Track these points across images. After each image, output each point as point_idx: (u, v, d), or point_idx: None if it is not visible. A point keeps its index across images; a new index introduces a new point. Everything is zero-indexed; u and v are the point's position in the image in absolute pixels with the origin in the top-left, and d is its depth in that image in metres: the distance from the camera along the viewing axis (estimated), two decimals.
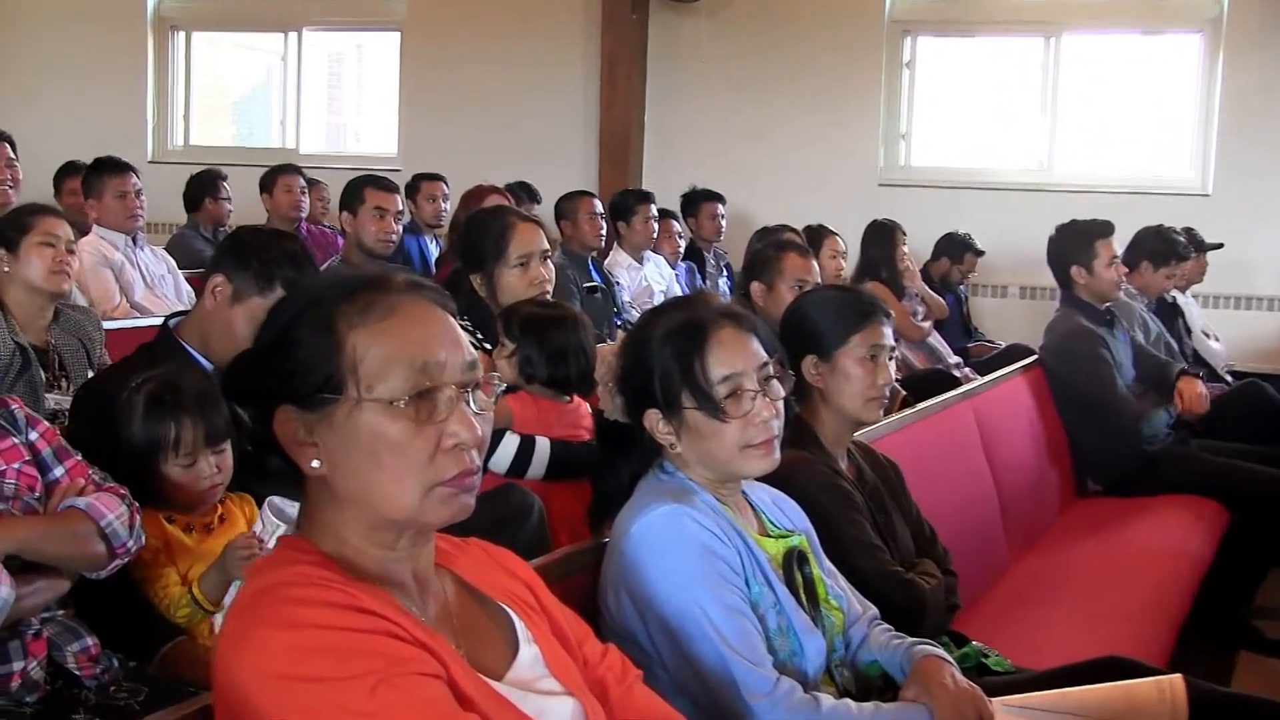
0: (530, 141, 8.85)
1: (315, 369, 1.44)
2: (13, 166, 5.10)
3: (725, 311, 2.17)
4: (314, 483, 1.49)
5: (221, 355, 2.89)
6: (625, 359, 2.19)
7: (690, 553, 2.02)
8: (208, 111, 10.51)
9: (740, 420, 2.09)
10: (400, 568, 1.50)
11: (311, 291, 1.51)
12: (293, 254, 3.00)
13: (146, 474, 2.55)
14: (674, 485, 2.14)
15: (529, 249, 3.59)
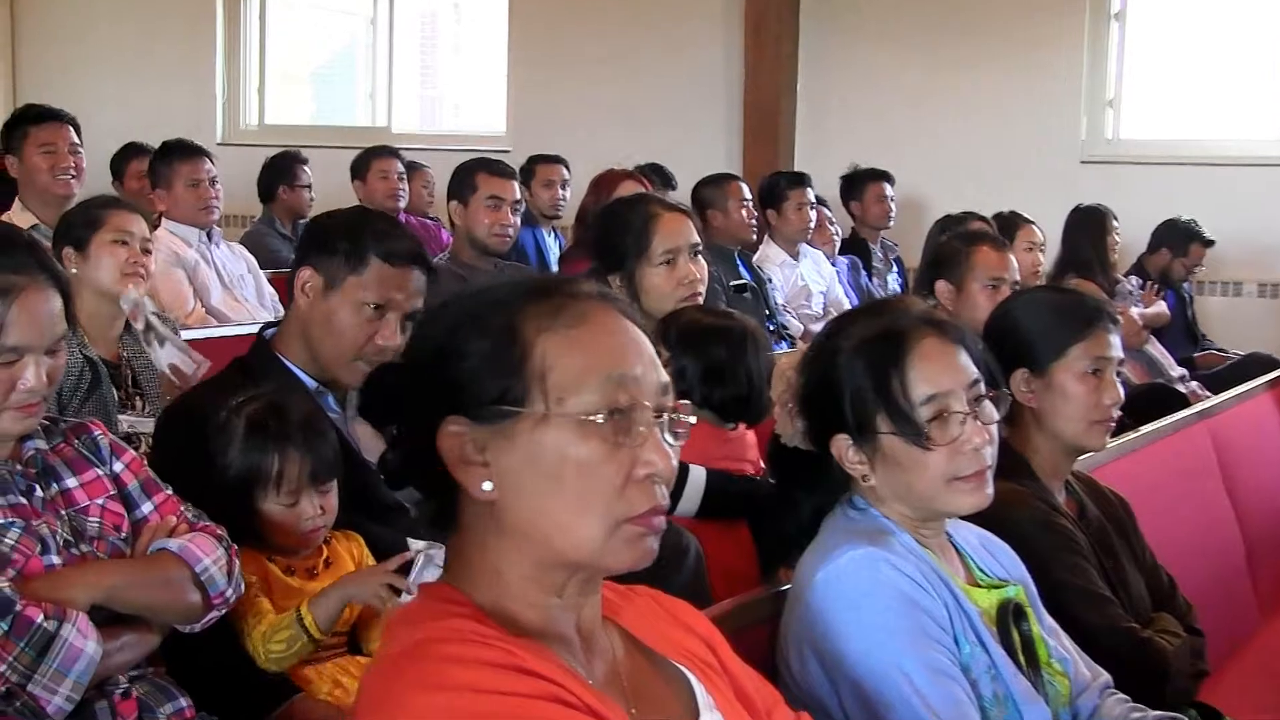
0: (662, 117, 8.91)
1: (495, 376, 1.47)
2: (76, 153, 5.27)
3: (928, 318, 2.16)
4: (473, 515, 1.52)
5: (331, 357, 2.96)
6: (808, 375, 2.19)
7: (888, 604, 2.01)
8: (283, 85, 10.78)
9: (947, 448, 2.08)
10: (564, 619, 1.52)
11: (487, 292, 1.55)
12: (382, 223, 3.07)
13: (242, 509, 2.62)
14: (866, 524, 2.14)
15: (676, 243, 3.62)
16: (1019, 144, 8.31)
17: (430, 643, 1.41)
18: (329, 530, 2.74)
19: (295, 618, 2.54)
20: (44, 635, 2.13)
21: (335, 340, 2.94)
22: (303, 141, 8.63)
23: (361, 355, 2.93)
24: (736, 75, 8.80)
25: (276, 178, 7.37)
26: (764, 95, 8.63)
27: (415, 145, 8.93)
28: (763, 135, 8.61)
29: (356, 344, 2.93)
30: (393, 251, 2.99)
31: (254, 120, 10.44)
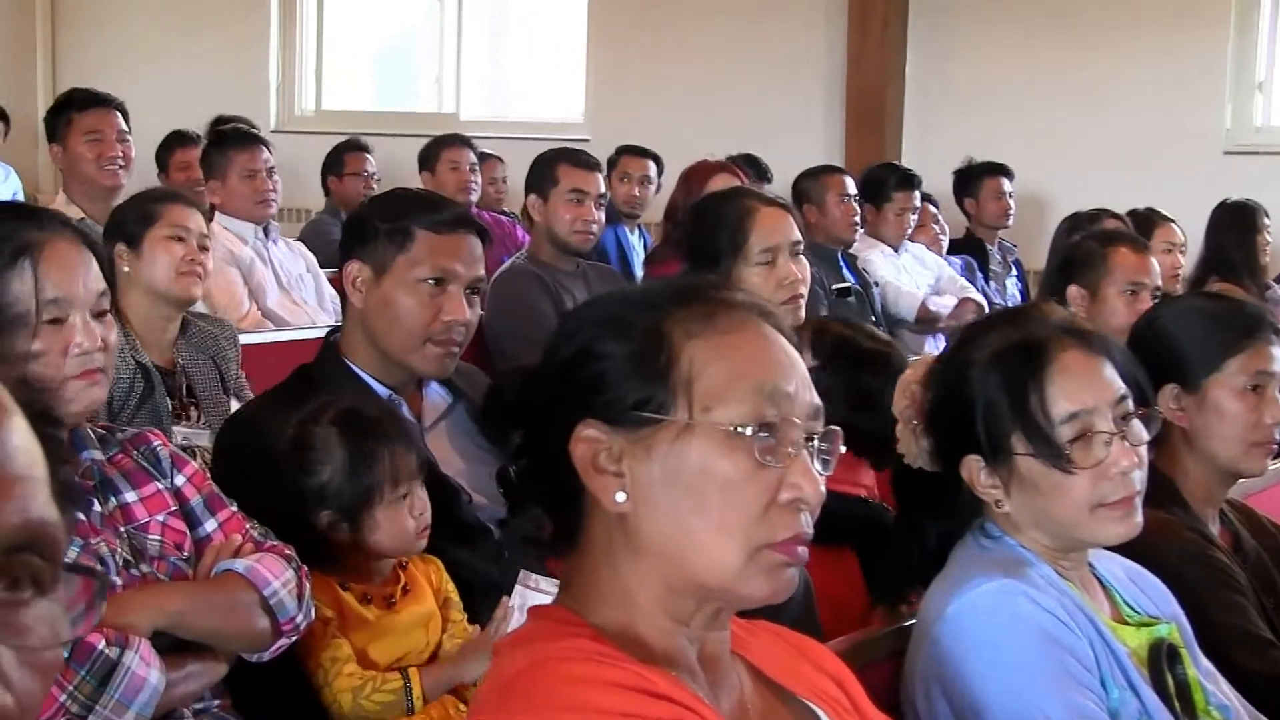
0: (756, 104, 8.92)
1: (637, 381, 1.50)
2: (124, 141, 5.35)
3: (1070, 328, 2.16)
4: (601, 530, 1.54)
5: (399, 347, 3.01)
6: (936, 389, 2.19)
7: (1027, 642, 2.01)
8: (341, 68, 10.87)
9: (1091, 471, 2.08)
10: (689, 650, 1.54)
11: (633, 294, 1.59)
12: (420, 195, 3.14)
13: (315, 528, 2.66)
14: (1001, 554, 2.13)
15: (775, 240, 3.64)
16: (1155, 134, 8.22)
17: (551, 662, 1.43)
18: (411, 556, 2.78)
19: (402, 687, 2.57)
20: (105, 663, 2.15)
21: (398, 327, 2.99)
22: (363, 128, 8.71)
23: (430, 336, 2.99)
24: (839, 59, 8.79)
25: (328, 167, 7.44)
26: (869, 81, 8.61)
27: (484, 134, 8.96)
28: (867, 125, 8.59)
29: (422, 324, 2.98)
30: (438, 220, 3.04)
31: (310, 105, 10.54)
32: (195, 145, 6.73)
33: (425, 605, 2.75)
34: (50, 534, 0.88)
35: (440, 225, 3.03)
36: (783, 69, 8.98)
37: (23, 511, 0.86)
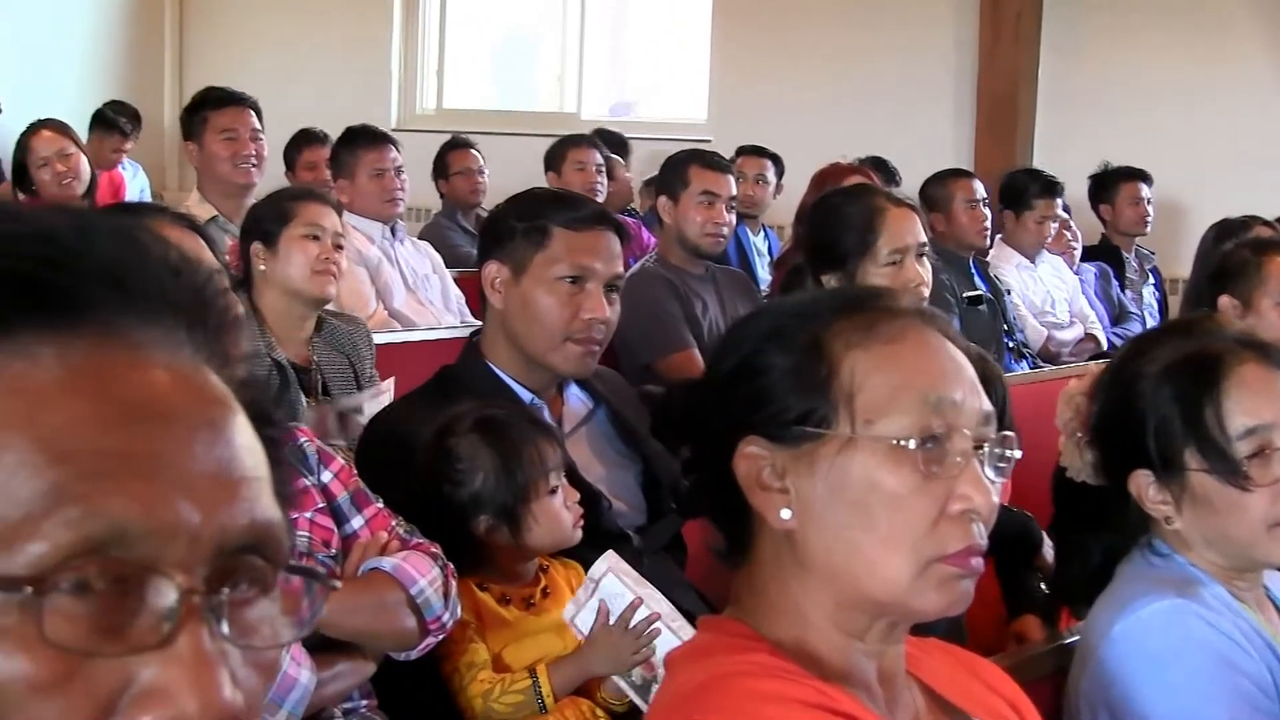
0: (883, 105, 8.87)
1: (797, 394, 1.49)
2: (258, 140, 5.41)
3: (1246, 341, 2.13)
4: (770, 546, 1.53)
5: (539, 346, 3.03)
6: (1103, 401, 2.16)
7: (1200, 665, 1.98)
8: (461, 66, 10.95)
9: (1269, 489, 2.04)
10: (866, 666, 1.52)
11: (793, 305, 1.57)
12: (556, 194, 3.19)
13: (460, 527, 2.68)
14: (1171, 572, 2.10)
15: (905, 241, 3.63)
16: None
17: (733, 677, 1.42)
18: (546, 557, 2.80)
19: (531, 685, 2.58)
20: None
21: (538, 326, 3.01)
22: (483, 127, 8.77)
23: (570, 334, 3.01)
24: (969, 59, 8.72)
25: (436, 167, 7.49)
26: (1000, 81, 8.53)
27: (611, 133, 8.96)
28: (998, 127, 8.51)
29: (562, 323, 3.00)
30: (574, 217, 3.06)
31: (431, 104, 10.63)
32: (323, 144, 6.81)
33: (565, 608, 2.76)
34: (274, 535, 0.88)
35: (577, 222, 3.05)
36: (911, 71, 8.92)
37: (249, 513, 0.86)
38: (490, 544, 2.70)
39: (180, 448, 0.84)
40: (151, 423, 0.84)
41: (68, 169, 5.81)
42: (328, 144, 6.66)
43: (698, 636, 1.59)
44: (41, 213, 0.91)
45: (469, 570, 2.68)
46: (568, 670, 2.62)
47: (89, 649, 0.80)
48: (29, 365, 0.83)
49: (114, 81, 10.22)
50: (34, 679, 0.79)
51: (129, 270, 0.87)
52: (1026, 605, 3.40)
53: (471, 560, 2.68)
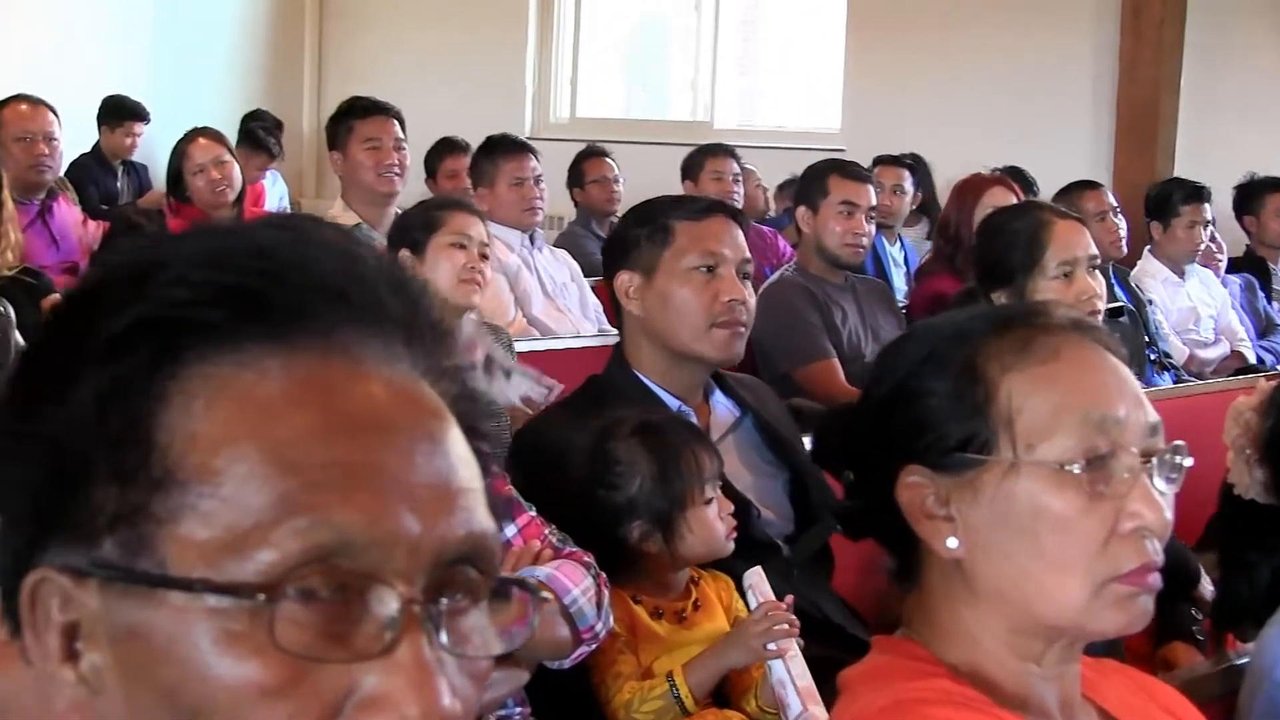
0: (1019, 113, 8.77)
1: (955, 421, 1.47)
2: (401, 149, 5.48)
3: None
4: (938, 572, 1.52)
5: (685, 337, 3.06)
6: (1276, 418, 2.12)
7: None
8: (594, 75, 10.99)
9: None
10: (1044, 690, 1.50)
11: (945, 325, 1.55)
12: (666, 197, 3.24)
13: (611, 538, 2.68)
14: None
15: (1074, 253, 3.63)
16: None
17: (915, 704, 1.41)
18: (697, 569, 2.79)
19: (668, 688, 2.57)
20: None
21: (681, 318, 3.05)
22: (616, 136, 8.80)
23: (713, 319, 3.04)
24: (1108, 67, 8.59)
25: (572, 176, 7.52)
26: (1141, 90, 8.39)
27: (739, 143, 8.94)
28: (1137, 137, 8.38)
29: (704, 309, 3.04)
30: (693, 208, 3.15)
31: (565, 113, 10.68)
32: (464, 153, 6.88)
33: (716, 622, 2.75)
34: (489, 547, 0.89)
35: (697, 213, 3.13)
36: (1048, 80, 8.80)
37: (467, 524, 0.87)
38: (642, 553, 2.70)
39: (401, 459, 0.85)
40: (374, 434, 0.85)
41: (222, 176, 5.90)
42: (468, 153, 6.73)
43: (872, 657, 1.57)
44: (259, 228, 0.93)
45: (621, 580, 2.68)
46: (703, 667, 2.60)
47: (316, 655, 0.81)
48: (257, 377, 0.85)
49: (255, 91, 10.39)
50: (264, 684, 0.81)
51: (349, 283, 0.89)
52: (1175, 631, 3.35)
53: (623, 570, 2.68)
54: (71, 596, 0.85)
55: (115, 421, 0.84)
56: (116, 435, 0.84)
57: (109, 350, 0.85)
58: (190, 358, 0.85)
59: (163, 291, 0.85)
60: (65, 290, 0.93)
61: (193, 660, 0.81)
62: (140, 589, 0.83)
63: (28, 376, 0.90)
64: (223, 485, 0.82)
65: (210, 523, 0.82)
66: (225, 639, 0.81)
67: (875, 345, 5.17)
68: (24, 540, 0.88)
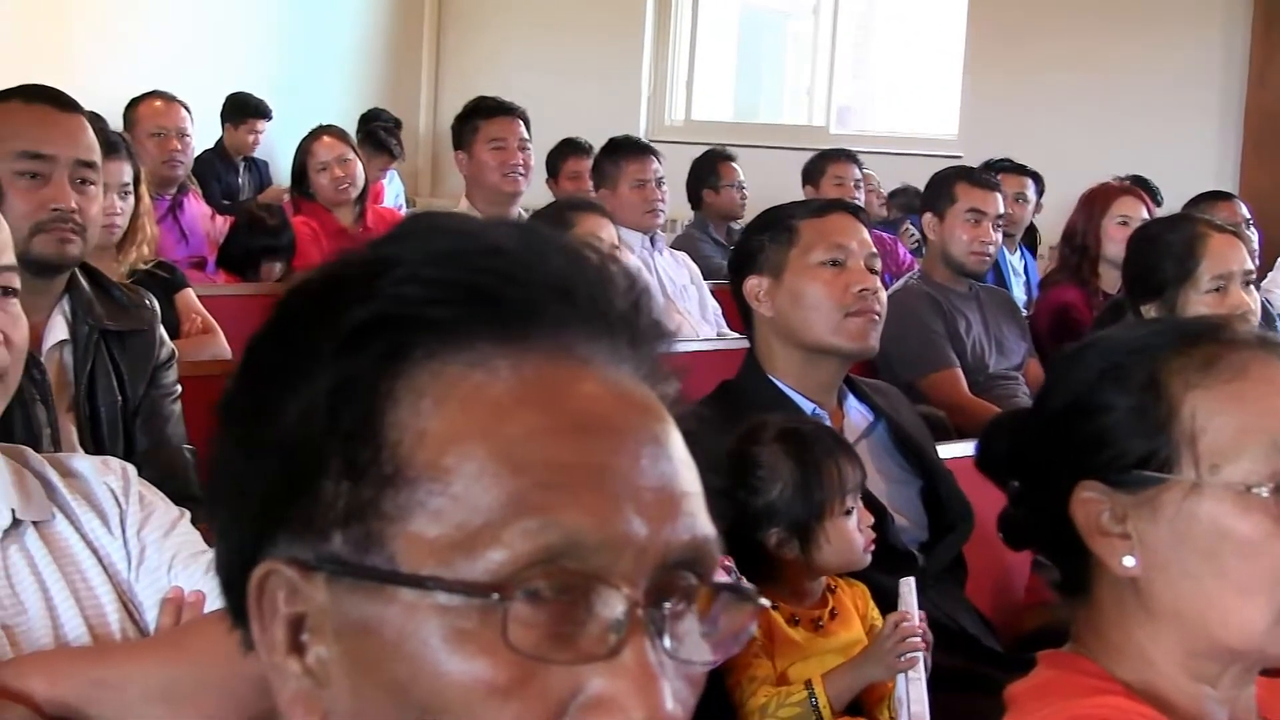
0: (1143, 121, 8.63)
1: (1137, 437, 1.45)
2: (525, 149, 5.52)
3: None
4: (1110, 588, 1.49)
5: (820, 330, 3.09)
6: None
7: None
8: (708, 78, 10.98)
9: None
10: (1218, 714, 1.48)
11: (1125, 338, 1.52)
12: (787, 202, 3.30)
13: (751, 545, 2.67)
14: None
15: (1229, 267, 3.63)
16: None
17: None
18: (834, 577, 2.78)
19: (807, 696, 2.56)
20: None
21: (814, 313, 3.09)
22: (731, 139, 8.75)
23: (846, 309, 3.09)
24: (1237, 74, 8.45)
25: (700, 179, 7.51)
26: (1272, 97, 8.24)
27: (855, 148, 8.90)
28: (1268, 146, 8.21)
29: (835, 301, 3.08)
30: (815, 207, 3.24)
31: (679, 115, 10.68)
32: (586, 155, 6.91)
33: (852, 631, 2.74)
34: (710, 552, 0.89)
35: (819, 211, 3.21)
36: (1174, 85, 8.66)
37: (690, 528, 0.87)
38: (780, 559, 2.69)
39: (628, 462, 0.85)
40: (601, 436, 0.85)
41: (345, 174, 5.98)
42: (590, 154, 6.76)
43: (1040, 672, 1.54)
44: (490, 226, 0.93)
45: (758, 586, 2.66)
46: (842, 679, 2.58)
47: (544, 656, 0.81)
48: (487, 376, 0.85)
49: (373, 91, 10.48)
50: (493, 683, 0.81)
51: (577, 284, 0.89)
52: None
53: (760, 575, 2.67)
54: (299, 589, 0.86)
55: (347, 418, 0.85)
56: (348, 432, 0.85)
57: (342, 347, 0.85)
58: (419, 355, 0.85)
59: (396, 289, 0.86)
60: (292, 285, 0.94)
61: (423, 657, 0.82)
62: (370, 584, 0.83)
63: (256, 371, 0.91)
64: (453, 483, 0.82)
65: (440, 520, 0.82)
66: (456, 637, 0.81)
67: (999, 355, 5.13)
68: (250, 533, 0.89)
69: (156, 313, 3.13)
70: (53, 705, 1.71)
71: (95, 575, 1.94)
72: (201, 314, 4.32)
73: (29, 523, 1.92)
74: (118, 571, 1.96)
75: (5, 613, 1.84)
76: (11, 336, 1.89)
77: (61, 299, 2.93)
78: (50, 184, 2.84)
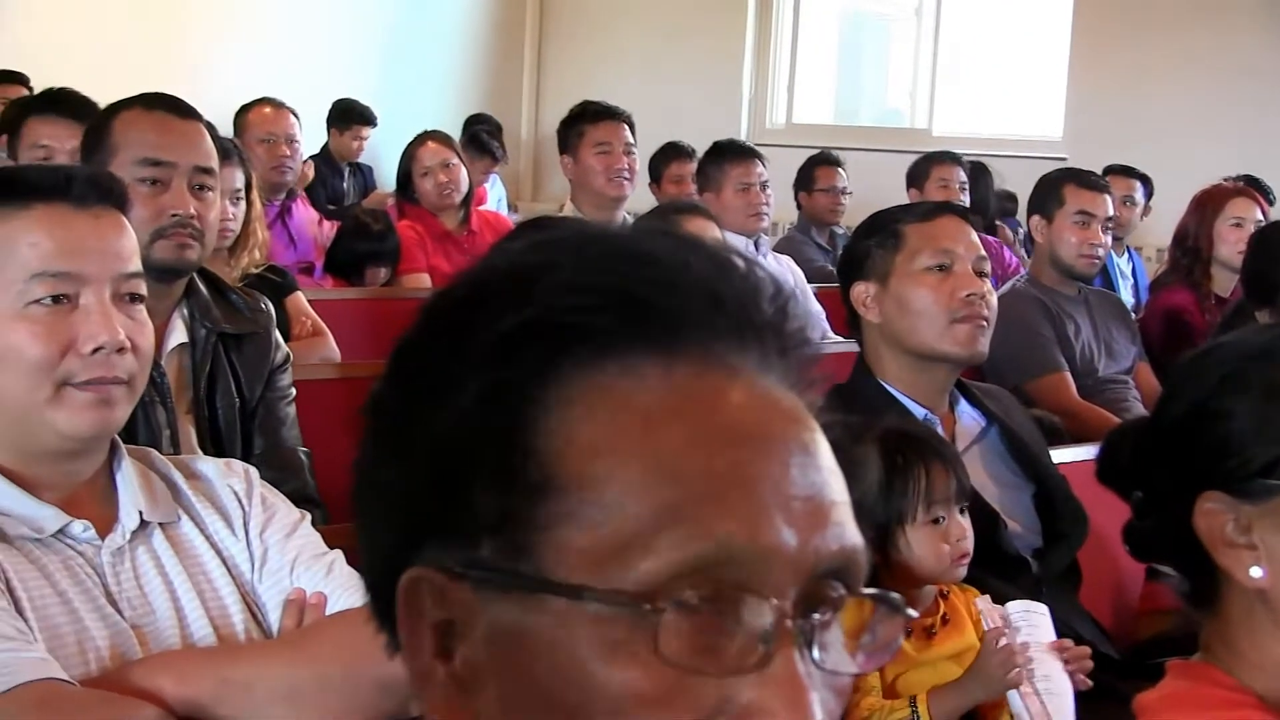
0: (1253, 123, 8.50)
1: (1259, 445, 1.43)
2: (630, 154, 5.52)
3: None
4: (1238, 599, 1.47)
5: (927, 336, 3.06)
6: None
7: None
8: (808, 81, 10.93)
9: None
10: None
11: (1244, 346, 1.51)
12: (892, 207, 3.27)
13: None
14: None
15: None
16: None
17: None
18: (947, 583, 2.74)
19: (910, 715, 2.52)
20: None
21: (921, 318, 3.06)
22: (832, 142, 8.71)
23: (953, 315, 3.05)
24: None
25: (800, 182, 7.48)
26: None
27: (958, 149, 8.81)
28: None
29: (943, 306, 3.05)
30: (921, 211, 3.19)
31: (781, 119, 10.65)
32: (689, 159, 6.91)
33: (965, 638, 2.69)
34: (858, 562, 0.88)
35: (926, 215, 3.17)
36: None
37: (840, 538, 0.86)
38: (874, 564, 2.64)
39: (779, 471, 0.85)
40: (752, 446, 0.85)
41: (449, 179, 6.01)
42: (693, 158, 6.76)
43: (1171, 682, 1.52)
44: (639, 234, 0.93)
45: None
46: (949, 699, 2.53)
47: (694, 666, 0.81)
48: (637, 385, 0.85)
49: (476, 96, 10.55)
50: (644, 693, 0.81)
51: (725, 292, 0.88)
52: None
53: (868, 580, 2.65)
54: (446, 595, 0.86)
55: (497, 425, 0.85)
56: (498, 439, 0.85)
57: (493, 354, 0.85)
58: (569, 363, 0.85)
59: (548, 296, 0.85)
60: (440, 291, 0.94)
61: (573, 665, 0.81)
62: (519, 592, 0.83)
63: (405, 376, 0.91)
64: (603, 493, 0.82)
65: (590, 529, 0.82)
66: (607, 646, 0.81)
67: (1108, 359, 5.06)
68: (396, 536, 0.89)
69: (272, 316, 3.17)
70: (182, 704, 1.74)
71: (220, 576, 1.96)
72: (311, 317, 4.36)
73: (156, 524, 1.95)
74: (241, 573, 1.99)
75: (134, 613, 1.87)
76: (139, 343, 1.92)
77: (180, 303, 2.97)
78: (170, 190, 2.87)
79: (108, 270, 1.90)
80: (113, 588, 1.87)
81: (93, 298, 1.88)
